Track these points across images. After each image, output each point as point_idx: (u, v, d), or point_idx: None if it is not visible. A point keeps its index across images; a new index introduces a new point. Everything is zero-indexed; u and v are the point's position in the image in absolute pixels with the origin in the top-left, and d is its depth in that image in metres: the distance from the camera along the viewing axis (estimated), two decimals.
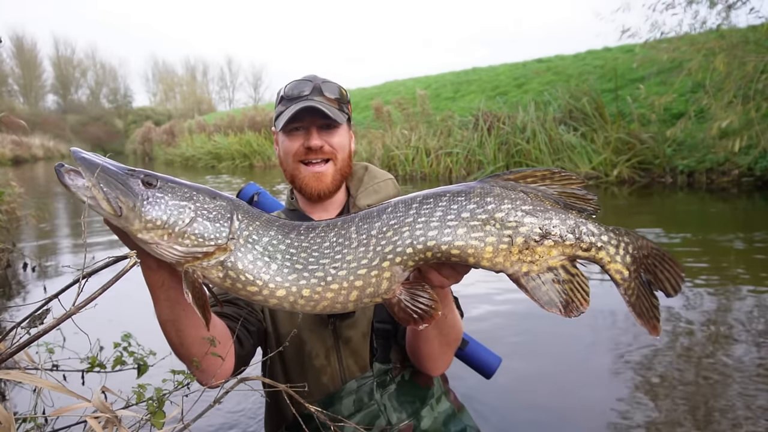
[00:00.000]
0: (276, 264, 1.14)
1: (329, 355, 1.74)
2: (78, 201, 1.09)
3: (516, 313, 4.52)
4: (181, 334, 1.34)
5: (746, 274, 5.33)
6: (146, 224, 1.08)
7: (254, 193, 2.26)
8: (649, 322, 1.15)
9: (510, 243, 1.10)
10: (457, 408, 1.88)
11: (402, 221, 1.13)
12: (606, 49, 20.78)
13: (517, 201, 1.11)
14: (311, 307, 1.16)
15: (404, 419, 1.72)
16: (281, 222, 1.19)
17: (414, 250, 1.12)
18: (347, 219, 1.18)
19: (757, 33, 10.31)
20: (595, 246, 1.12)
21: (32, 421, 1.71)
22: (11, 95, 60.01)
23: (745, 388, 3.12)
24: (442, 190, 1.15)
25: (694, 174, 11.42)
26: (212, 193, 1.17)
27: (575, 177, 1.14)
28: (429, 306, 1.16)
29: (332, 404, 1.72)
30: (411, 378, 1.79)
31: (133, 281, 1.35)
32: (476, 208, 1.11)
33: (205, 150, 29.91)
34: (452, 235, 1.11)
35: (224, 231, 1.13)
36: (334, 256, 1.14)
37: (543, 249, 1.10)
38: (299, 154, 1.74)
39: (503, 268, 1.12)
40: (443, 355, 1.63)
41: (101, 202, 1.07)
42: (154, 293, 1.29)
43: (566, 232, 1.11)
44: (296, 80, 1.77)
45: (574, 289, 1.12)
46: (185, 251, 1.11)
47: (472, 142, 14.39)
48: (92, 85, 72.97)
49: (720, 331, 4.01)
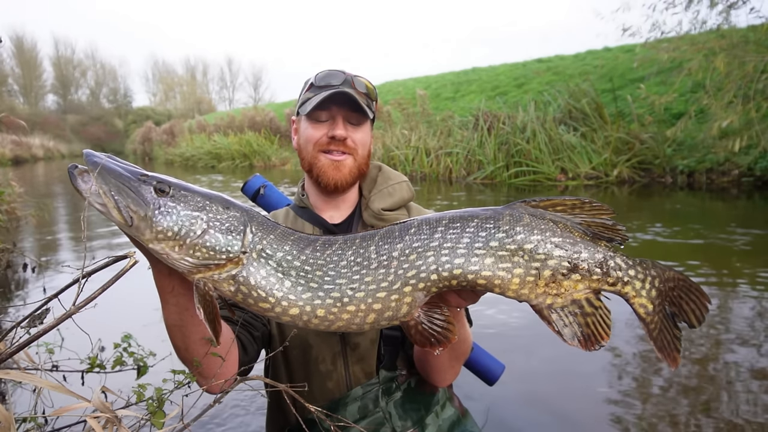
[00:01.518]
0: (290, 281, 1.11)
1: (336, 361, 1.72)
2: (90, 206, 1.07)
3: (517, 313, 4.52)
4: (187, 339, 1.33)
5: (746, 274, 5.32)
6: (157, 235, 1.06)
7: (260, 185, 2.19)
8: (670, 355, 1.13)
9: (537, 276, 1.07)
10: (462, 413, 1.87)
11: (426, 245, 1.09)
12: (606, 49, 20.80)
13: (547, 232, 1.08)
14: (325, 327, 1.13)
15: (409, 427, 1.70)
16: (297, 236, 1.15)
17: (439, 277, 1.09)
18: (366, 236, 1.14)
19: (757, 33, 10.32)
20: (622, 281, 1.10)
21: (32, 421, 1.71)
22: (11, 95, 60.01)
23: (745, 387, 3.12)
24: (470, 214, 1.11)
25: (694, 174, 11.43)
26: (226, 202, 1.14)
27: (606, 208, 1.11)
28: (446, 329, 1.13)
29: (337, 410, 1.70)
30: (417, 385, 1.77)
31: (133, 281, 1.35)
32: (505, 237, 1.07)
33: (205, 150, 29.92)
34: (479, 264, 1.07)
35: (237, 244, 1.09)
36: (352, 276, 1.10)
37: (570, 283, 1.08)
38: (321, 143, 1.69)
39: (527, 299, 1.10)
40: (451, 368, 1.63)
41: (112, 211, 1.05)
42: (163, 297, 1.27)
43: (594, 267, 1.08)
44: (328, 70, 1.73)
45: (597, 323, 1.10)
46: (196, 263, 1.08)
47: (472, 142, 14.39)
48: (92, 85, 73.03)
49: (720, 331, 4.01)
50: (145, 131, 44.25)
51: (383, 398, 1.71)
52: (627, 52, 17.74)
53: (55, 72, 68.55)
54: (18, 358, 1.90)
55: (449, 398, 1.86)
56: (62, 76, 68.70)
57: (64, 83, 68.75)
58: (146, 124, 46.20)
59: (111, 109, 70.27)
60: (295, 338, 1.72)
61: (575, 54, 22.25)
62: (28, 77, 62.35)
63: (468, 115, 15.77)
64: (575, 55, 22.14)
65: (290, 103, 33.20)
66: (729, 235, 7.07)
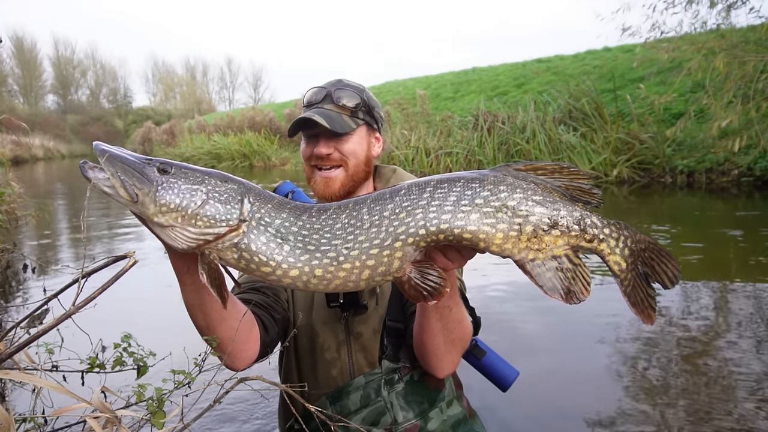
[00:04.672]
0: (288, 245, 1.18)
1: (340, 349, 1.78)
2: (100, 192, 1.15)
3: (518, 314, 4.53)
4: (207, 317, 1.39)
5: (746, 273, 5.33)
6: (161, 208, 1.13)
7: (288, 191, 2.26)
8: (644, 311, 1.20)
9: (519, 231, 1.14)
10: (469, 414, 1.88)
11: (415, 203, 1.17)
12: (606, 49, 20.80)
13: (529, 191, 1.15)
14: (324, 286, 1.19)
15: (410, 419, 1.72)
16: (293, 204, 1.23)
17: (427, 232, 1.16)
18: (358, 201, 1.21)
19: (757, 33, 10.31)
20: (598, 238, 1.18)
21: (32, 421, 1.71)
22: (11, 95, 60.01)
23: (745, 386, 3.12)
24: (456, 176, 1.19)
25: (694, 174, 11.43)
26: (224, 177, 1.21)
27: (583, 172, 1.20)
28: (438, 283, 1.19)
29: (340, 398, 1.74)
30: (420, 379, 1.79)
31: (133, 281, 1.35)
32: (489, 195, 1.15)
33: (205, 150, 29.91)
34: (465, 219, 1.15)
35: (235, 212, 1.16)
36: (346, 236, 1.17)
37: (550, 238, 1.15)
38: (311, 159, 1.80)
39: (510, 254, 1.17)
40: (448, 353, 1.62)
41: (119, 190, 1.12)
42: (180, 278, 1.33)
43: (572, 224, 1.16)
44: (316, 87, 1.82)
45: (576, 278, 1.17)
46: (198, 232, 1.14)
47: (472, 142, 14.39)
48: (92, 86, 73.06)
49: (720, 331, 4.01)
50: (145, 131, 44.21)
51: (385, 388, 1.74)
52: (627, 52, 17.74)
53: (55, 72, 68.63)
54: (18, 358, 1.89)
55: (457, 398, 1.87)
56: (62, 76, 68.72)
57: (64, 83, 68.77)
58: (146, 124, 46.15)
59: (111, 110, 70.33)
60: (304, 327, 1.80)
61: (575, 54, 22.24)
62: (28, 77, 62.36)
63: (468, 115, 15.76)
64: (575, 55, 22.13)
65: (290, 104, 33.20)
66: (728, 234, 7.08)
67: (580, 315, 4.35)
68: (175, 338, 2.89)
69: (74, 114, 63.17)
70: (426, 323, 1.54)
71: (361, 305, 1.75)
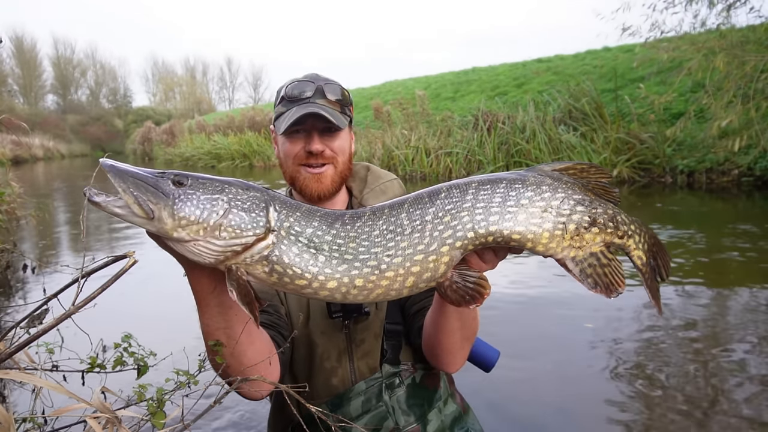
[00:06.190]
0: (323, 255, 1.12)
1: (341, 357, 1.73)
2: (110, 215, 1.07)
3: (517, 313, 4.52)
4: (232, 341, 1.29)
5: (746, 273, 5.32)
6: (180, 221, 1.06)
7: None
8: (660, 301, 1.28)
9: (564, 229, 1.17)
10: (463, 409, 1.88)
11: (459, 206, 1.15)
12: (606, 49, 20.78)
13: (569, 191, 1.19)
14: (364, 296, 1.15)
15: (412, 422, 1.71)
16: (323, 212, 1.17)
17: (476, 235, 1.15)
18: (394, 205, 1.17)
19: (757, 33, 10.30)
20: (627, 234, 1.22)
21: (32, 421, 1.71)
22: (11, 95, 59.97)
23: (744, 386, 3.12)
24: (497, 177, 1.19)
25: (694, 174, 11.41)
26: (245, 185, 1.15)
27: (606, 171, 1.24)
28: (479, 285, 1.18)
29: (341, 405, 1.70)
30: (421, 381, 1.78)
31: (133, 281, 1.35)
32: (534, 195, 1.17)
33: (205, 150, 29.90)
34: (513, 220, 1.15)
35: (261, 221, 1.10)
36: (387, 243, 1.13)
37: (590, 235, 1.19)
38: (300, 157, 1.70)
39: (554, 252, 1.19)
40: (461, 350, 1.62)
41: (133, 207, 1.05)
42: (203, 300, 1.24)
43: (608, 221, 1.20)
44: (298, 80, 1.72)
45: (613, 273, 1.21)
46: (224, 245, 1.08)
47: (472, 142, 14.38)
48: (92, 85, 73.06)
49: (720, 331, 4.01)
50: (144, 131, 44.21)
51: (386, 393, 1.72)
52: (627, 52, 17.72)
53: (54, 72, 68.63)
54: (18, 358, 1.89)
55: (451, 394, 1.87)
56: (62, 76, 68.72)
57: (63, 83, 68.77)
58: (146, 124, 46.15)
59: (111, 109, 70.29)
60: (301, 337, 1.72)
61: (575, 54, 22.23)
62: (27, 77, 62.35)
63: (468, 115, 15.75)
64: (575, 55, 22.12)
65: None
66: (728, 234, 7.07)
67: (577, 313, 4.35)
68: (176, 338, 2.89)
69: (74, 114, 63.14)
70: (445, 323, 1.51)
71: (364, 312, 1.70)
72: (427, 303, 1.73)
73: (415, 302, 1.79)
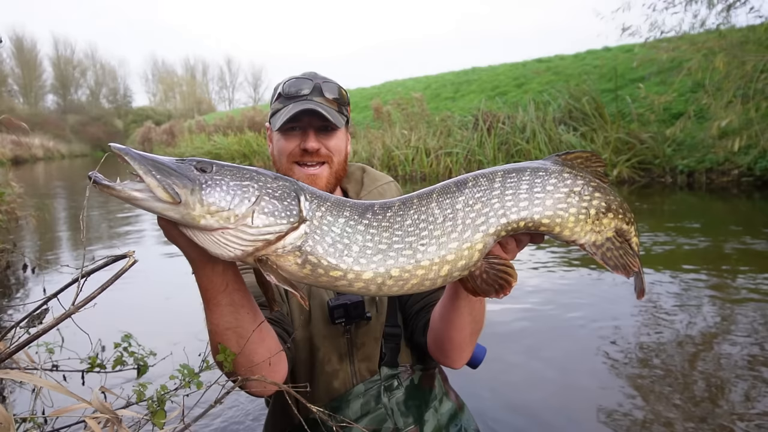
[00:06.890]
0: (357, 246, 1.09)
1: (342, 360, 1.72)
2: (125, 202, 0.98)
3: (513, 311, 4.52)
4: (242, 340, 1.25)
5: (746, 273, 5.32)
6: (209, 207, 0.98)
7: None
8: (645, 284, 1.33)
9: (587, 215, 1.21)
10: (458, 407, 1.88)
11: (489, 194, 1.17)
12: (606, 49, 20.77)
13: (587, 177, 1.24)
14: (399, 287, 1.13)
15: (410, 423, 1.71)
16: (352, 202, 1.14)
17: (508, 221, 1.17)
18: (422, 195, 1.17)
19: (757, 33, 10.30)
20: (631, 220, 1.28)
21: (32, 421, 1.71)
22: (11, 95, 59.98)
23: (745, 386, 3.12)
24: (521, 166, 1.22)
25: (694, 174, 11.41)
26: (274, 174, 1.10)
27: (602, 160, 1.30)
28: (507, 273, 1.19)
29: (339, 408, 1.70)
30: (419, 382, 1.78)
31: (133, 281, 1.34)
32: (558, 182, 1.21)
33: (205, 150, 29.88)
34: (542, 206, 1.18)
35: (294, 209, 1.05)
36: (420, 233, 1.13)
37: (607, 220, 1.24)
38: (294, 155, 1.68)
39: (578, 237, 1.23)
40: (469, 345, 1.61)
41: (156, 191, 0.95)
42: (213, 299, 1.19)
43: (619, 206, 1.26)
44: (295, 77, 1.71)
45: (627, 254, 1.26)
46: (256, 233, 1.02)
47: (472, 142, 14.38)
48: (92, 85, 73.00)
49: (720, 331, 4.01)
50: (144, 131, 44.21)
51: (385, 395, 1.72)
52: (627, 52, 17.71)
53: (54, 72, 68.55)
54: (18, 358, 1.89)
55: (446, 393, 1.87)
56: (62, 76, 68.65)
57: (63, 83, 68.71)
58: (146, 124, 46.18)
59: (111, 109, 70.28)
60: (302, 340, 1.71)
61: (575, 54, 22.22)
62: (27, 77, 62.31)
63: (468, 115, 15.75)
64: (575, 55, 22.10)
65: None
66: (728, 234, 7.07)
67: (574, 311, 4.35)
68: (176, 338, 2.89)
69: (74, 114, 63.08)
70: (457, 318, 1.49)
71: (366, 317, 1.69)
72: (429, 300, 1.73)
73: (417, 300, 1.79)
